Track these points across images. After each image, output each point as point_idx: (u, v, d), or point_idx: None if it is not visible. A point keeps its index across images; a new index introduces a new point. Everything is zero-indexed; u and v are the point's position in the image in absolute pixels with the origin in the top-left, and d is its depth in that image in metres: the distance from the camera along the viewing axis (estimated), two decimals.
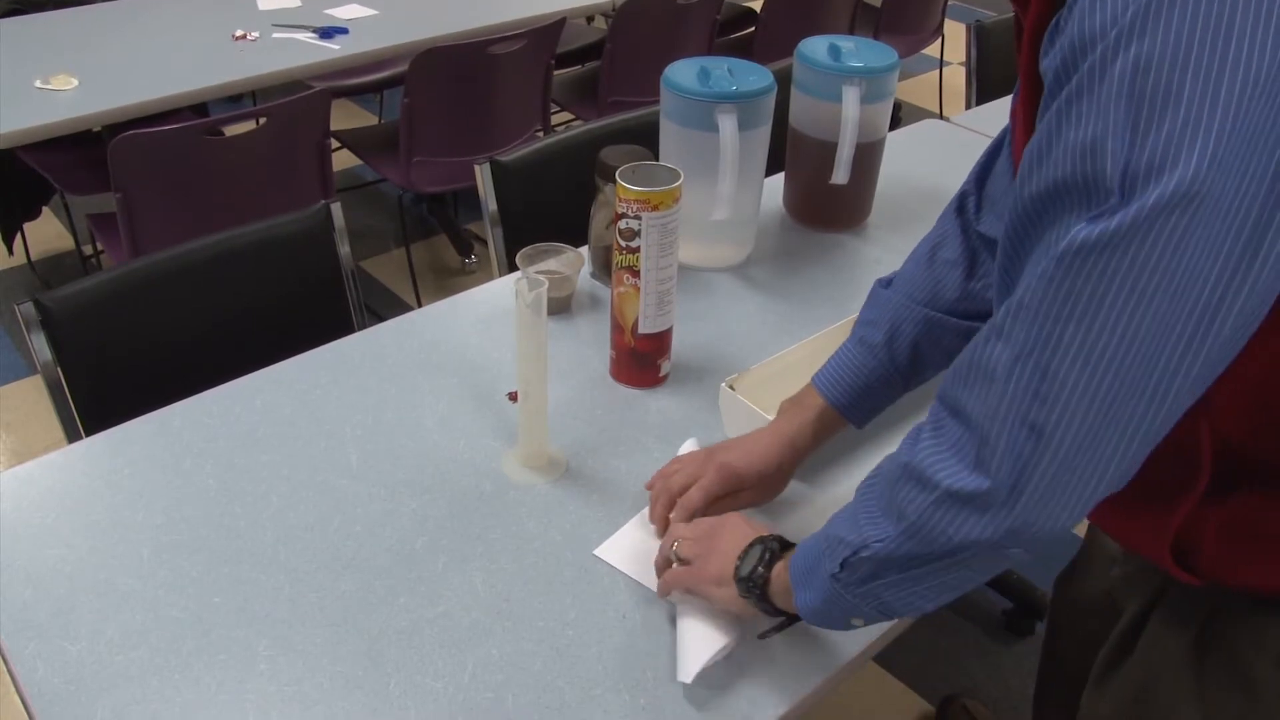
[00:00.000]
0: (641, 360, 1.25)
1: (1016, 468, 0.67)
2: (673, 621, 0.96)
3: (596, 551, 1.04)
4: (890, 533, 0.75)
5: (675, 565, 0.96)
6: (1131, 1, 0.59)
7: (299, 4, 2.82)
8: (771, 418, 1.11)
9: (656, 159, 1.39)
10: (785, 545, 0.90)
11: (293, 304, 1.53)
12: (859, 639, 0.97)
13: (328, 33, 2.61)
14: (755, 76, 1.41)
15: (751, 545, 0.90)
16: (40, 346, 1.31)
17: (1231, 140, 0.58)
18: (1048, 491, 0.67)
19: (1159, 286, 0.61)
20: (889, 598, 0.78)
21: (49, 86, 2.25)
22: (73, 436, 1.33)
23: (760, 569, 0.88)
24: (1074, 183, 0.63)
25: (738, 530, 0.94)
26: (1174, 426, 0.67)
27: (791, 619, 0.89)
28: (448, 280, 3.16)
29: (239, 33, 2.59)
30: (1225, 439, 0.75)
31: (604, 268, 1.45)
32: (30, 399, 2.62)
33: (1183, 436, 0.73)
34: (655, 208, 1.14)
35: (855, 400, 1.06)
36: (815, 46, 1.51)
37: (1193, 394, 0.65)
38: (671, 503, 1.03)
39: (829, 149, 1.49)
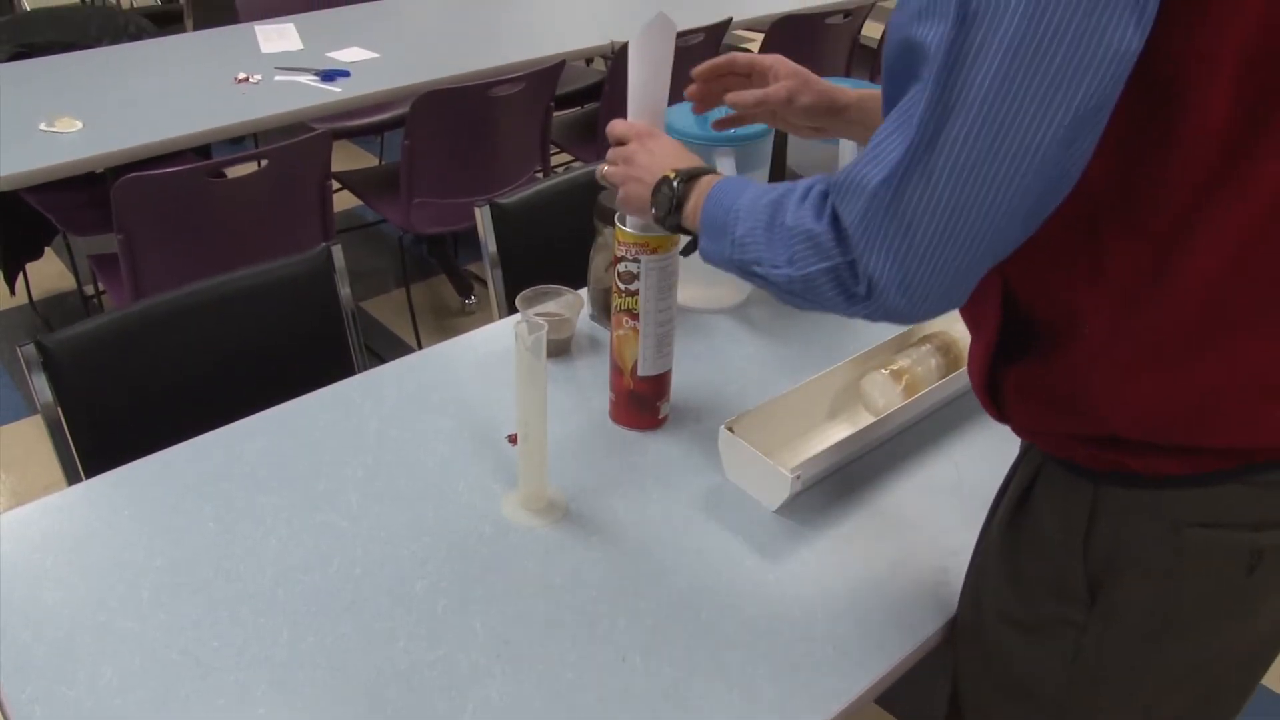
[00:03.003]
0: (641, 402, 1.26)
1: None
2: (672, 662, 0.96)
3: None
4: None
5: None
6: None
7: (301, 47, 2.85)
8: (773, 462, 1.12)
9: None
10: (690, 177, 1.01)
11: (293, 345, 1.54)
12: (860, 682, 0.96)
13: (329, 75, 2.64)
14: None
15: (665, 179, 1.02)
16: (41, 387, 1.31)
17: None
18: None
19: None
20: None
21: (53, 129, 2.28)
22: (72, 478, 1.33)
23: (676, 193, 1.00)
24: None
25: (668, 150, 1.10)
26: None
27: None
28: (448, 321, 3.17)
29: (241, 75, 2.62)
30: (1013, 292, 0.82)
31: (603, 310, 1.45)
32: (30, 439, 2.62)
33: (984, 282, 0.78)
34: (654, 250, 1.15)
35: None
36: None
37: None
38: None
39: None
